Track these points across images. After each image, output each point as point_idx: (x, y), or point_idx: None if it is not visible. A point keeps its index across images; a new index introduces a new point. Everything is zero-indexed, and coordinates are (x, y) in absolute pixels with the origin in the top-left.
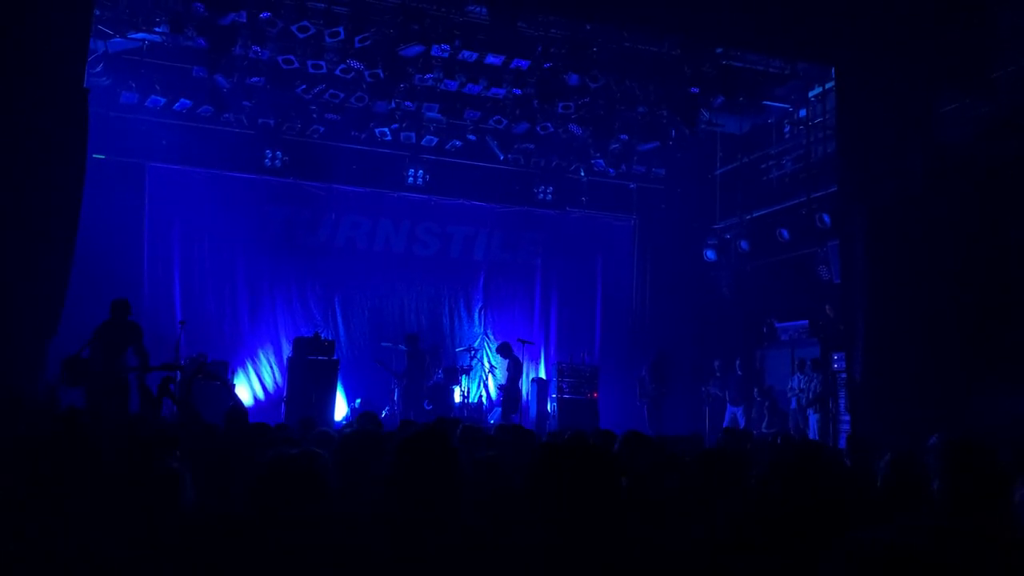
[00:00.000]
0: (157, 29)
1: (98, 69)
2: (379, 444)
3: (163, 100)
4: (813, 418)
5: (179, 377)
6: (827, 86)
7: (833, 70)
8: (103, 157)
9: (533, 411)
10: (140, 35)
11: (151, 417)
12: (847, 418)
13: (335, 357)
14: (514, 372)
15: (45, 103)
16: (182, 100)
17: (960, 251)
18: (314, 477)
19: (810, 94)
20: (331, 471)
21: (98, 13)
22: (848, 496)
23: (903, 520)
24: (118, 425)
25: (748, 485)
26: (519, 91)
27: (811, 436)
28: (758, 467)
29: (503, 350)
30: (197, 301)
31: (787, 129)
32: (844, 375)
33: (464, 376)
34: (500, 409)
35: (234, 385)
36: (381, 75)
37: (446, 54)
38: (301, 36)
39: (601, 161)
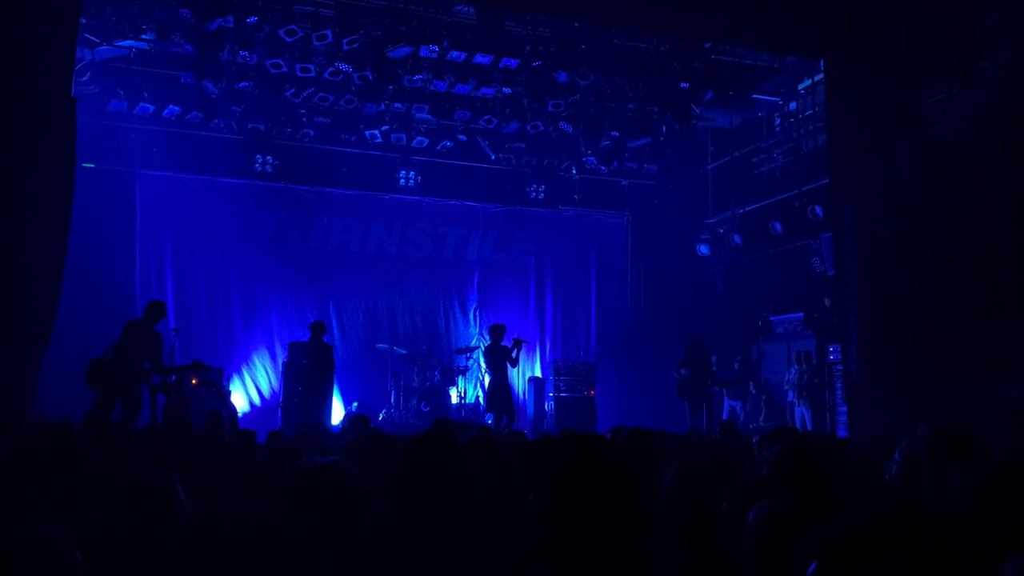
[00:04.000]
0: (144, 36)
1: (86, 78)
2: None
3: (152, 107)
4: (801, 410)
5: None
6: (816, 78)
7: (822, 63)
8: (93, 166)
9: (530, 410)
10: (127, 42)
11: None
12: (843, 409)
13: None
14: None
15: (33, 113)
16: (171, 107)
17: (951, 241)
18: (344, 487)
19: (799, 87)
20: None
21: (84, 21)
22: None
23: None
24: (106, 433)
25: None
26: (509, 90)
27: (800, 428)
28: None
29: (494, 332)
30: (191, 308)
31: (777, 122)
32: (840, 367)
33: (460, 377)
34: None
35: (229, 392)
36: (370, 77)
37: (435, 55)
38: (289, 40)
39: (593, 159)
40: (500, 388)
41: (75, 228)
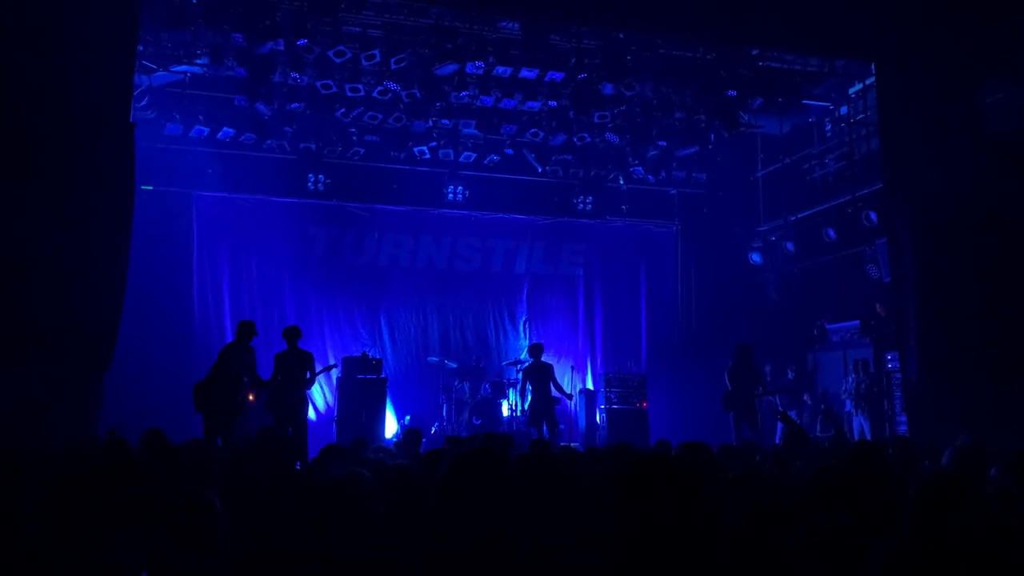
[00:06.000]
0: (198, 61)
1: (143, 103)
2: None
3: (207, 130)
4: (859, 420)
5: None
6: (867, 82)
7: (873, 66)
8: (151, 188)
9: (582, 423)
10: (182, 67)
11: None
12: (903, 418)
13: (383, 375)
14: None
15: (95, 138)
16: (225, 129)
17: (1013, 242)
18: (358, 501)
19: (850, 91)
20: (376, 494)
21: (141, 49)
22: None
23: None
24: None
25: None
26: (554, 103)
27: (859, 438)
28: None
29: (534, 351)
30: None
31: (828, 127)
32: (899, 375)
33: (511, 390)
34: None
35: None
36: (417, 95)
37: (480, 70)
38: (338, 61)
39: (640, 168)
40: (543, 403)
41: (135, 249)
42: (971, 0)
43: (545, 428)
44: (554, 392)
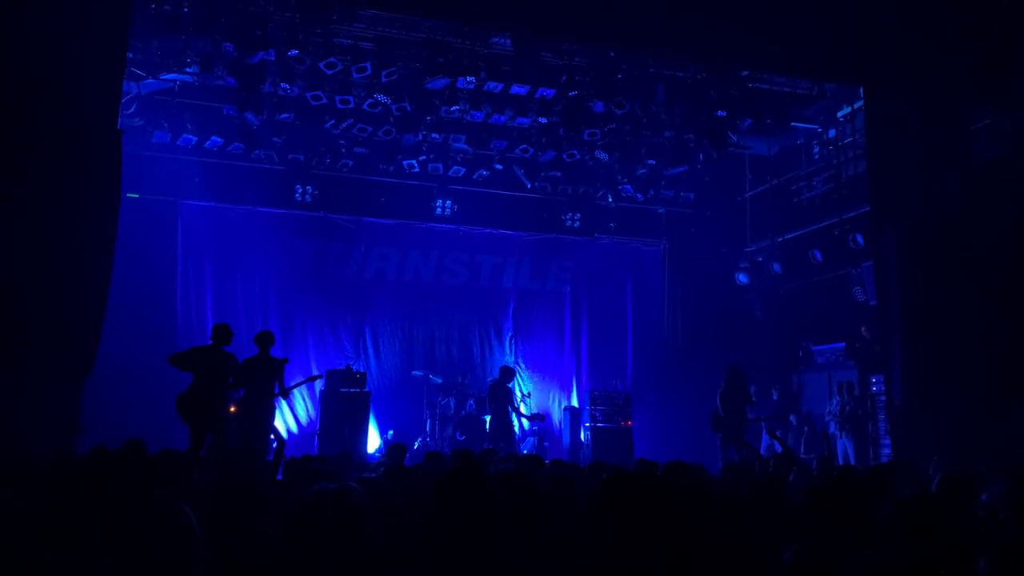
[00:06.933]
0: (188, 69)
1: (131, 110)
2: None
3: (195, 138)
4: (844, 442)
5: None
6: (856, 105)
7: (861, 90)
8: (137, 196)
9: (567, 440)
10: (172, 76)
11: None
12: (887, 441)
13: (367, 389)
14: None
15: (82, 145)
16: (213, 138)
17: (1000, 268)
18: (351, 514)
19: (839, 114)
20: (368, 507)
21: (131, 56)
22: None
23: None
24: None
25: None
26: (545, 120)
27: (843, 460)
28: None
29: (504, 372)
30: None
31: (816, 150)
32: (883, 398)
33: None
34: (534, 439)
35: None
36: (408, 108)
37: (471, 86)
38: (329, 72)
39: (629, 186)
40: (501, 423)
41: (119, 256)
42: (959, 26)
43: (502, 446)
44: (512, 415)
